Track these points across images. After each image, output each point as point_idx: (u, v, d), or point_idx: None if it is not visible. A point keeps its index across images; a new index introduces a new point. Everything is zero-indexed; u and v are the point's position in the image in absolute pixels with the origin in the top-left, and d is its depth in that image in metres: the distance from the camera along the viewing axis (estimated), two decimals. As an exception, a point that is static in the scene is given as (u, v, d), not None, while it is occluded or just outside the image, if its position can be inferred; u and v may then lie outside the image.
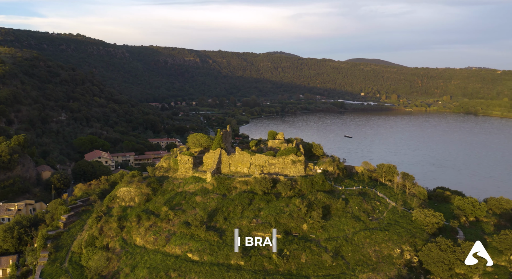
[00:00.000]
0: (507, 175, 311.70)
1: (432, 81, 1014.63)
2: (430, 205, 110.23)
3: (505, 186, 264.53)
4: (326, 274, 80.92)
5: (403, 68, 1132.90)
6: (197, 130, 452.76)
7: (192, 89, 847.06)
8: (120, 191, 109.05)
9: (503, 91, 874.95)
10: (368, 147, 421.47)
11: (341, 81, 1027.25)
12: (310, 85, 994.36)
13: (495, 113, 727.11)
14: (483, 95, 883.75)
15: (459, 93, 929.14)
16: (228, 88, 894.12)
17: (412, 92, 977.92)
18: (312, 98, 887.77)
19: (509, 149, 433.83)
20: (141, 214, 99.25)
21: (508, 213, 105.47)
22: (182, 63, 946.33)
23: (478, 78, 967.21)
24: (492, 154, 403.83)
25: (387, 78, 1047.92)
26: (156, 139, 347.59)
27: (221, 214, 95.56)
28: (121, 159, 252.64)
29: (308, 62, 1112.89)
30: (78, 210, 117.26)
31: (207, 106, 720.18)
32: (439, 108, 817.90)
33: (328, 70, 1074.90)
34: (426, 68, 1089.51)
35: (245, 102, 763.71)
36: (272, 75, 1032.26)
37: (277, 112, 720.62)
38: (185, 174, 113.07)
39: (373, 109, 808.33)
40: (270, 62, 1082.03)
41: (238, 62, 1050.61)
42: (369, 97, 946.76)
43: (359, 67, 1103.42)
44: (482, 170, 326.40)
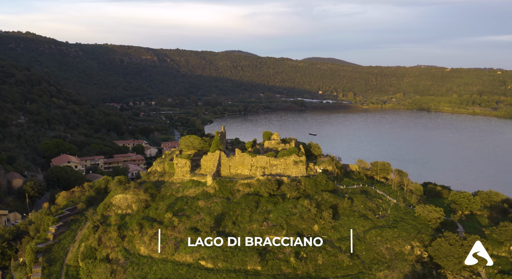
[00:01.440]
0: (465, 166, 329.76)
1: (385, 79, 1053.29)
2: (425, 200, 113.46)
3: (466, 178, 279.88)
4: (345, 274, 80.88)
5: (358, 67, 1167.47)
6: (161, 131, 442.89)
7: (150, 89, 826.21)
8: (115, 198, 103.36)
9: (452, 88, 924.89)
10: (332, 144, 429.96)
11: (300, 80, 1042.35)
12: (269, 84, 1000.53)
13: (447, 109, 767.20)
14: (434, 92, 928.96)
15: (411, 91, 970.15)
16: (187, 87, 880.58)
17: (367, 90, 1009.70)
18: (273, 97, 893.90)
19: (463, 142, 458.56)
20: (143, 222, 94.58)
21: (498, 205, 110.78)
22: (139, 62, 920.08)
23: (429, 76, 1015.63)
24: (448, 148, 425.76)
25: (343, 76, 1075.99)
26: (122, 141, 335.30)
27: (229, 218, 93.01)
28: (89, 163, 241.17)
29: (267, 61, 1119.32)
30: (67, 219, 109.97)
31: (168, 106, 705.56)
32: (394, 105, 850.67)
33: (286, 69, 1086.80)
34: (380, 66, 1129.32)
35: (207, 101, 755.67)
36: (231, 74, 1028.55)
37: (240, 111, 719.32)
38: (183, 178, 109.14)
39: (332, 107, 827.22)
40: (229, 61, 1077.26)
41: (196, 61, 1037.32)
42: (327, 95, 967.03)
43: (316, 66, 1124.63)
44: (442, 163, 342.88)
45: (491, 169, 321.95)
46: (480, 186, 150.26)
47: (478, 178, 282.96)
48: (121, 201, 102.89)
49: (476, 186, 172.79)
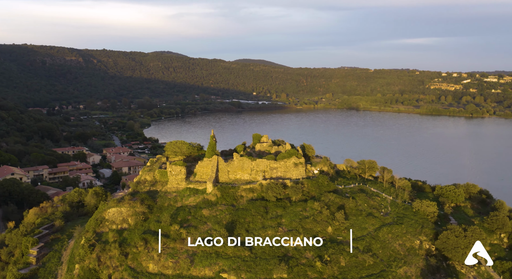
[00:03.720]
0: (405, 160, 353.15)
1: (315, 80, 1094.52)
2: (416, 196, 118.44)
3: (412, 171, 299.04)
4: (368, 274, 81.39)
5: (288, 68, 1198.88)
6: (99, 136, 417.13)
7: (77, 92, 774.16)
8: (109, 213, 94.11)
9: (376, 88, 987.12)
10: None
11: (234, 81, 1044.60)
12: (204, 85, 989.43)
13: (374, 108, 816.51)
14: (360, 92, 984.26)
15: (339, 91, 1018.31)
16: (117, 90, 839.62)
17: (298, 91, 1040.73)
18: (208, 98, 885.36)
19: (395, 139, 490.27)
20: (147, 236, 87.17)
21: (476, 196, 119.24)
22: (63, 63, 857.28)
23: (354, 77, 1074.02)
24: (382, 144, 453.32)
25: (276, 78, 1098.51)
26: (60, 149, 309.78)
27: (241, 226, 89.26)
28: (32, 174, 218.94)
29: (200, 62, 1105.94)
30: (47, 239, 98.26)
31: (99, 110, 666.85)
32: (325, 105, 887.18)
33: (220, 70, 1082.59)
34: (309, 68, 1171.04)
35: (140, 104, 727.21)
36: (163, 75, 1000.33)
37: (177, 113, 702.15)
38: (177, 186, 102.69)
39: (268, 108, 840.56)
40: (160, 62, 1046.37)
41: (126, 62, 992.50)
42: (261, 96, 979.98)
43: (249, 67, 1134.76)
44: (382, 158, 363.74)
45: (425, 162, 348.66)
46: (421, 177, 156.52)
47: (415, 171, 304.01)
48: (115, 215, 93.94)
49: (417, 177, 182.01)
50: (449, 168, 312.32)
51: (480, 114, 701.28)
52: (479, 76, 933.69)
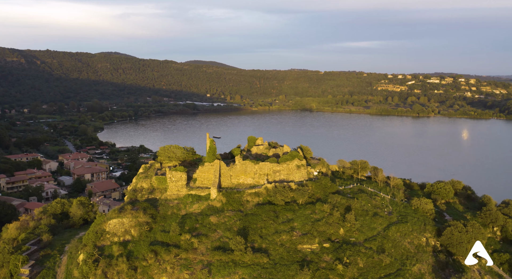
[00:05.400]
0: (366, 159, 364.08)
1: (268, 82, 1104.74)
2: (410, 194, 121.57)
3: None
4: (386, 273, 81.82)
5: (241, 70, 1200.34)
6: (51, 142, 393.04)
7: (20, 95, 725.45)
8: (109, 224, 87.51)
9: (327, 89, 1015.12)
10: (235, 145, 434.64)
11: (187, 83, 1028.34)
12: (155, 87, 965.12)
13: (327, 109, 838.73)
14: (312, 93, 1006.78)
15: (291, 93, 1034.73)
16: (63, 92, 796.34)
17: (252, 93, 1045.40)
18: (161, 100, 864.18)
19: (348, 138, 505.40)
20: (156, 248, 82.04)
21: (462, 192, 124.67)
22: (3, 65, 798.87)
23: (306, 79, 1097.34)
24: (339, 143, 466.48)
25: (229, 80, 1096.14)
26: (13, 156, 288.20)
27: (254, 233, 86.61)
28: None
29: (150, 63, 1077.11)
30: (37, 256, 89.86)
31: (45, 114, 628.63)
32: (280, 107, 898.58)
33: (172, 72, 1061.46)
34: (261, 70, 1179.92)
35: (90, 107, 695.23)
36: (112, 77, 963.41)
37: (130, 116, 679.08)
38: (178, 193, 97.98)
39: (223, 109, 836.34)
40: (109, 63, 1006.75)
41: (72, 63, 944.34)
42: (215, 98, 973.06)
43: (202, 69, 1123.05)
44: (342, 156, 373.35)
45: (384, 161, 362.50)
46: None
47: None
48: (117, 226, 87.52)
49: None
50: (407, 165, 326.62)
51: (426, 113, 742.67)
52: (422, 78, 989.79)
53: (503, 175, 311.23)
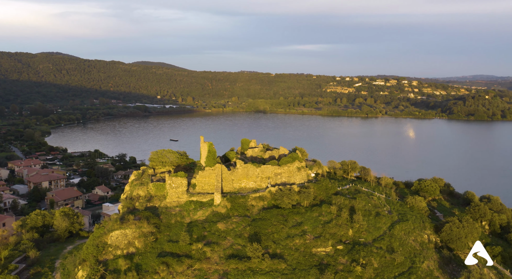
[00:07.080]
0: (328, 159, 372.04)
1: (220, 84, 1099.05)
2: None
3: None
4: (400, 272, 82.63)
5: (192, 72, 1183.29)
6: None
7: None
8: (111, 237, 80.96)
9: (278, 91, 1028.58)
10: (195, 148, 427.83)
11: (135, 85, 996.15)
12: (102, 89, 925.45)
13: (280, 111, 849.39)
14: (264, 95, 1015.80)
15: (244, 94, 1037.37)
16: (3, 95, 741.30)
17: (204, 94, 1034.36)
18: (109, 102, 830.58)
19: (303, 139, 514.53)
20: (167, 260, 77.03)
21: (445, 189, 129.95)
22: None
23: (257, 81, 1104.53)
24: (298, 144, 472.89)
25: (180, 81, 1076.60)
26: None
27: (267, 238, 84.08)
28: None
29: (96, 64, 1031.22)
30: (27, 275, 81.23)
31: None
32: (234, 108, 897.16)
33: (119, 73, 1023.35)
34: (213, 72, 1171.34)
35: (34, 110, 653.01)
36: (56, 78, 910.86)
37: (78, 119, 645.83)
38: (178, 200, 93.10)
39: (176, 111, 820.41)
40: (51, 64, 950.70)
41: (11, 63, 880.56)
42: (166, 100, 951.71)
43: (151, 70, 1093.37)
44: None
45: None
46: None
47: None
48: (120, 238, 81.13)
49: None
50: (370, 164, 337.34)
51: (374, 114, 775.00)
52: (368, 80, 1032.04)
53: (461, 170, 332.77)
